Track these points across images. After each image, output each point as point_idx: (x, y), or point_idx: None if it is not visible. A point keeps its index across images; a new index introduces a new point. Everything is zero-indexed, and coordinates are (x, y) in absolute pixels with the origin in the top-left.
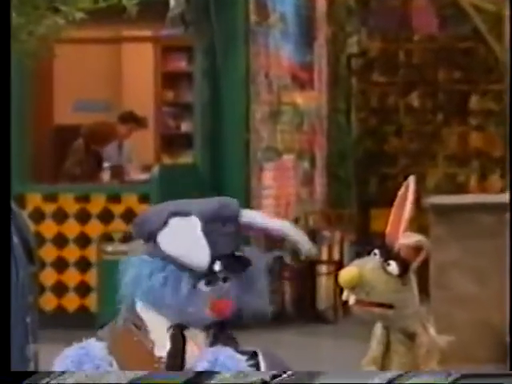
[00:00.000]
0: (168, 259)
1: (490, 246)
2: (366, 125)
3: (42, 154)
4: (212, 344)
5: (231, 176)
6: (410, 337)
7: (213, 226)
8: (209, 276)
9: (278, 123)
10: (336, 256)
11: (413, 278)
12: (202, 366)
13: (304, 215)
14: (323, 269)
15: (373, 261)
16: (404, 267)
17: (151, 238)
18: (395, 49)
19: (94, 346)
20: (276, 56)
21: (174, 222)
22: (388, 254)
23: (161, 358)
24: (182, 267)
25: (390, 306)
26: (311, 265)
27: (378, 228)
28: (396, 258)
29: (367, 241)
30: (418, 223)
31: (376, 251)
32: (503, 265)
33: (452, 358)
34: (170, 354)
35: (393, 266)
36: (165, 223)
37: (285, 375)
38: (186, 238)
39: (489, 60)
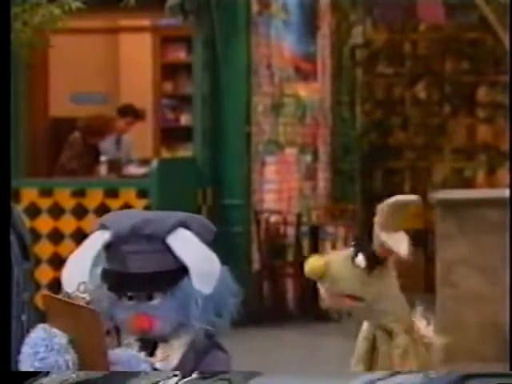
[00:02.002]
0: None
1: (498, 242)
2: (370, 117)
3: (37, 147)
4: (199, 350)
5: (232, 170)
6: (390, 336)
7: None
8: (129, 292)
9: (280, 116)
10: None
11: (388, 275)
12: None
13: (307, 210)
14: None
15: (345, 252)
16: (372, 260)
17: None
18: (401, 39)
19: (38, 331)
20: (278, 47)
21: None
22: (360, 246)
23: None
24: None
25: (360, 299)
26: None
27: None
28: (365, 250)
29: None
30: (425, 219)
31: (353, 242)
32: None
33: (459, 357)
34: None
35: (360, 259)
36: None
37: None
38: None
39: (497, 50)
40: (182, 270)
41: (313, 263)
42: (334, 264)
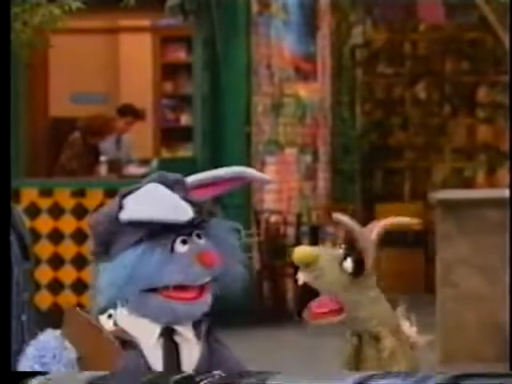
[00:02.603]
0: (137, 235)
1: (498, 242)
2: (370, 118)
3: (37, 147)
4: (205, 348)
5: None
6: (376, 339)
7: None
8: (181, 236)
9: (280, 116)
10: None
11: (369, 284)
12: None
13: (307, 210)
14: None
15: (335, 251)
16: (359, 267)
17: (114, 230)
18: (401, 39)
19: (49, 337)
20: (278, 47)
21: (130, 197)
22: (350, 250)
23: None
24: (152, 239)
25: (339, 312)
26: None
27: None
28: (355, 256)
29: None
30: (425, 219)
31: (342, 244)
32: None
33: (459, 357)
34: (166, 365)
35: (348, 263)
36: (120, 207)
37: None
38: (156, 198)
39: (497, 50)
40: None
41: (303, 250)
42: (322, 259)
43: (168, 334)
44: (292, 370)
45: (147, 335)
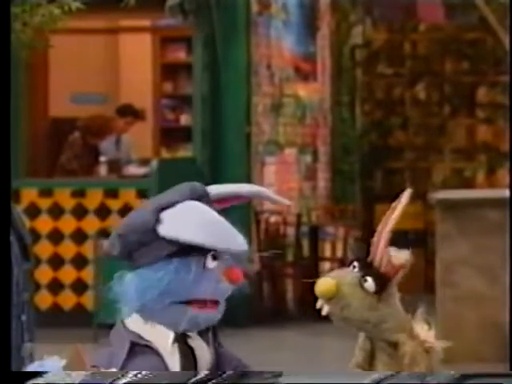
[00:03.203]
0: (170, 251)
1: (498, 242)
2: (370, 118)
3: (37, 147)
4: (214, 351)
5: (232, 170)
6: (393, 346)
7: None
8: (212, 251)
9: (280, 116)
10: (339, 253)
11: (393, 293)
12: None
13: (307, 211)
14: (326, 266)
15: (351, 274)
16: (382, 284)
17: (146, 240)
18: (400, 39)
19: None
20: (278, 47)
21: (170, 213)
22: (367, 269)
23: None
24: (184, 253)
25: (367, 322)
26: (314, 262)
27: None
28: (374, 274)
29: (372, 237)
30: (425, 219)
31: (355, 264)
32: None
33: (459, 357)
34: (184, 370)
35: (369, 283)
36: (157, 220)
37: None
38: (204, 221)
39: (497, 51)
40: None
41: (325, 284)
42: (344, 288)
43: (182, 340)
44: (292, 370)
45: (162, 340)
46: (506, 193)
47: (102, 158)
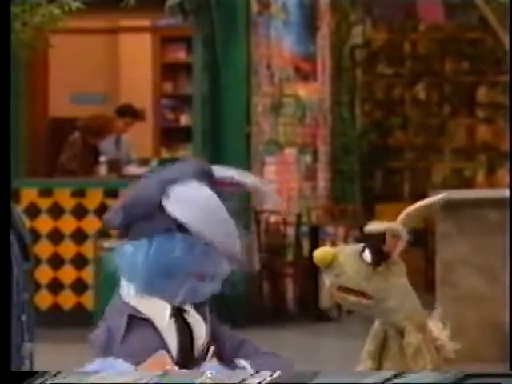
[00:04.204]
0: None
1: (498, 242)
2: (370, 118)
3: (37, 147)
4: (210, 326)
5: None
6: (402, 334)
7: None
8: None
9: (280, 116)
10: None
11: (395, 271)
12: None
13: (307, 211)
14: None
15: (354, 247)
16: (378, 256)
17: (149, 213)
18: (400, 39)
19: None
20: (278, 47)
21: (178, 190)
22: (368, 242)
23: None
24: (186, 230)
25: (367, 296)
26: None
27: None
28: (372, 245)
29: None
30: (425, 219)
31: (362, 237)
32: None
33: (459, 357)
34: (181, 344)
35: (366, 253)
36: (163, 195)
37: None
38: (210, 212)
39: (497, 50)
40: None
41: (321, 251)
42: (341, 255)
43: (179, 314)
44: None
45: (159, 315)
46: (506, 193)
47: (102, 158)
